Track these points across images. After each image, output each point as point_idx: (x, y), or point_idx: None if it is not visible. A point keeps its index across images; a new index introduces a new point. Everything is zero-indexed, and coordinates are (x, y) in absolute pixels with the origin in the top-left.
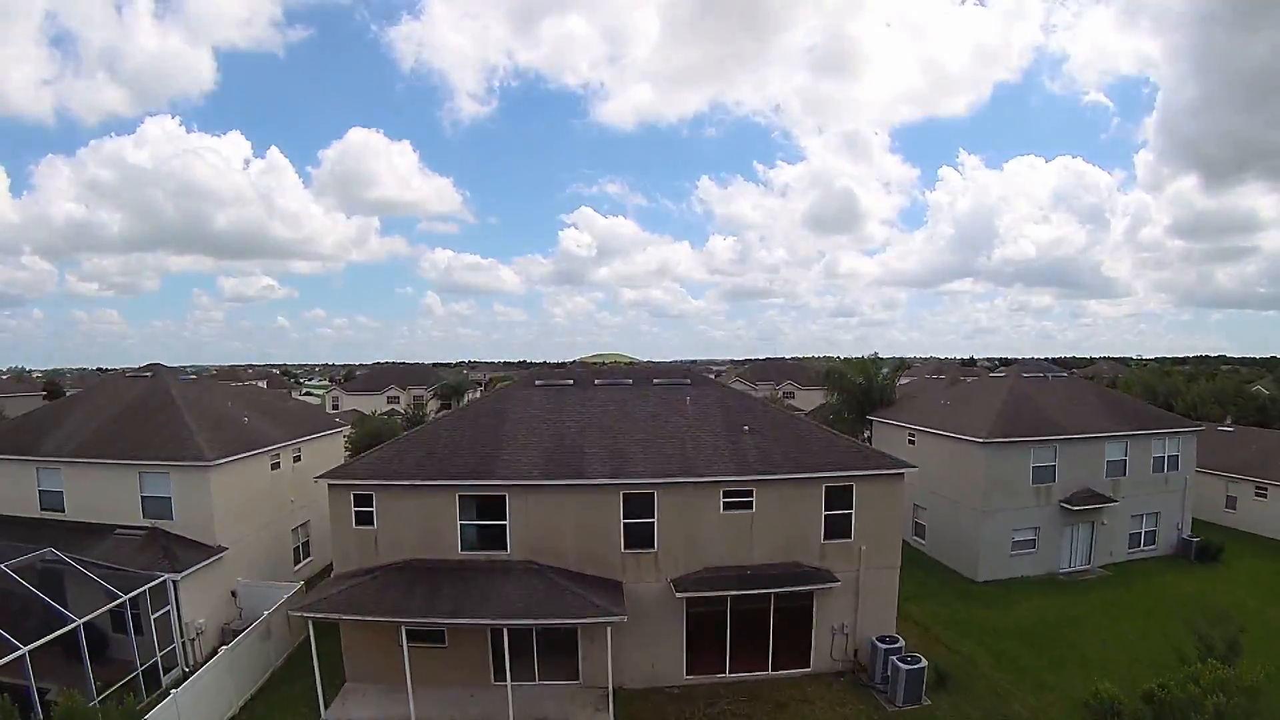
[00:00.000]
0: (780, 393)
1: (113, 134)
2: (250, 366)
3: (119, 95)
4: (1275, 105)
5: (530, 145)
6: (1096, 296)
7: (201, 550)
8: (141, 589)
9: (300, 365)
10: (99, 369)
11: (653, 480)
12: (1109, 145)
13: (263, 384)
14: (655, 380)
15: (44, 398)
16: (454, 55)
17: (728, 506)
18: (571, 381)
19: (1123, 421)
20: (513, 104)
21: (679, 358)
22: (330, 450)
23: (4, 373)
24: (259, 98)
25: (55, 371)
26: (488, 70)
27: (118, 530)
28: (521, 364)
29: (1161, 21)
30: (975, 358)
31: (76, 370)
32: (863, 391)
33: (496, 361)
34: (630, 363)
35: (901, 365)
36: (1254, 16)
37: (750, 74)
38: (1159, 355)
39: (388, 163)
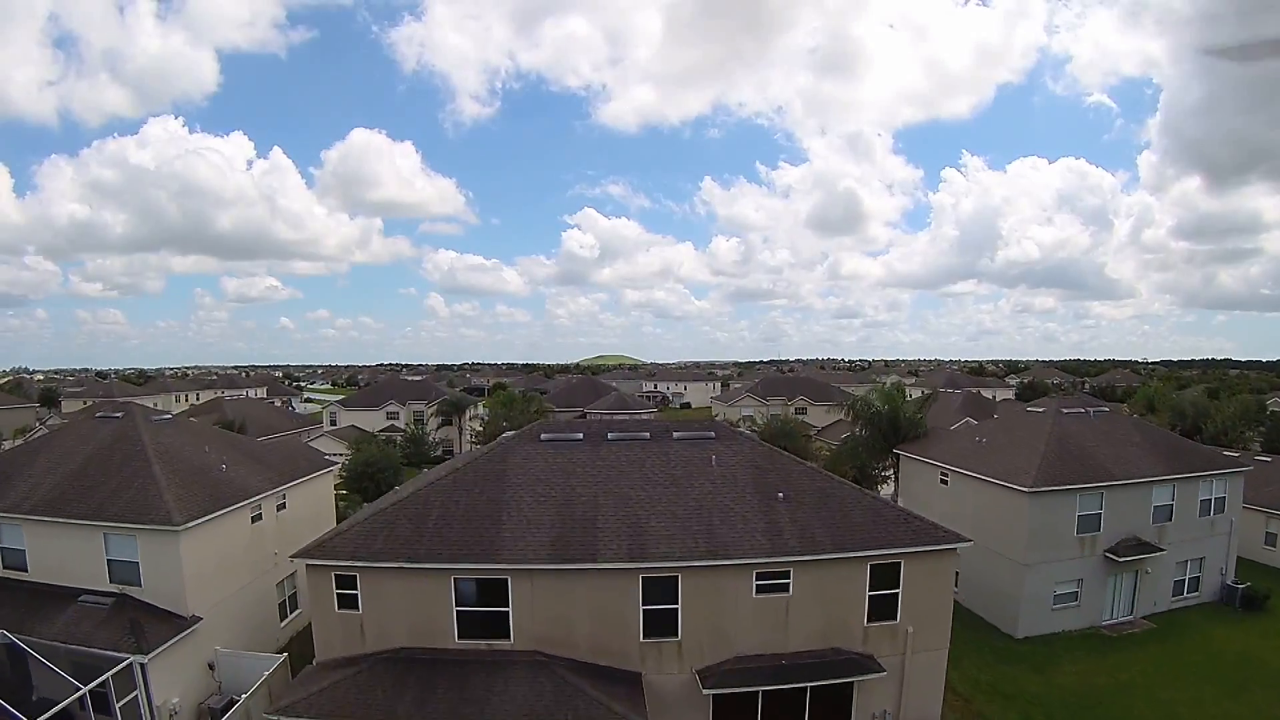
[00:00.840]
0: (792, 409)
1: (115, 134)
2: (253, 369)
3: (121, 96)
4: (1279, 106)
5: (532, 146)
6: (1100, 298)
7: (172, 623)
8: (104, 676)
9: (304, 367)
10: (98, 374)
11: (677, 564)
12: (1112, 146)
13: (263, 392)
14: (676, 434)
15: (39, 408)
16: (456, 57)
17: (761, 590)
18: (581, 437)
19: (1170, 462)
20: (515, 105)
21: (682, 359)
22: (319, 491)
23: (6, 374)
24: (261, 99)
25: (57, 373)
26: (489, 72)
27: (82, 598)
28: (526, 367)
29: (1164, 22)
30: (984, 365)
31: (80, 371)
32: (889, 422)
33: (500, 363)
34: (635, 365)
35: (931, 396)
36: (1257, 17)
37: (752, 75)
38: (1164, 358)
39: (390, 163)
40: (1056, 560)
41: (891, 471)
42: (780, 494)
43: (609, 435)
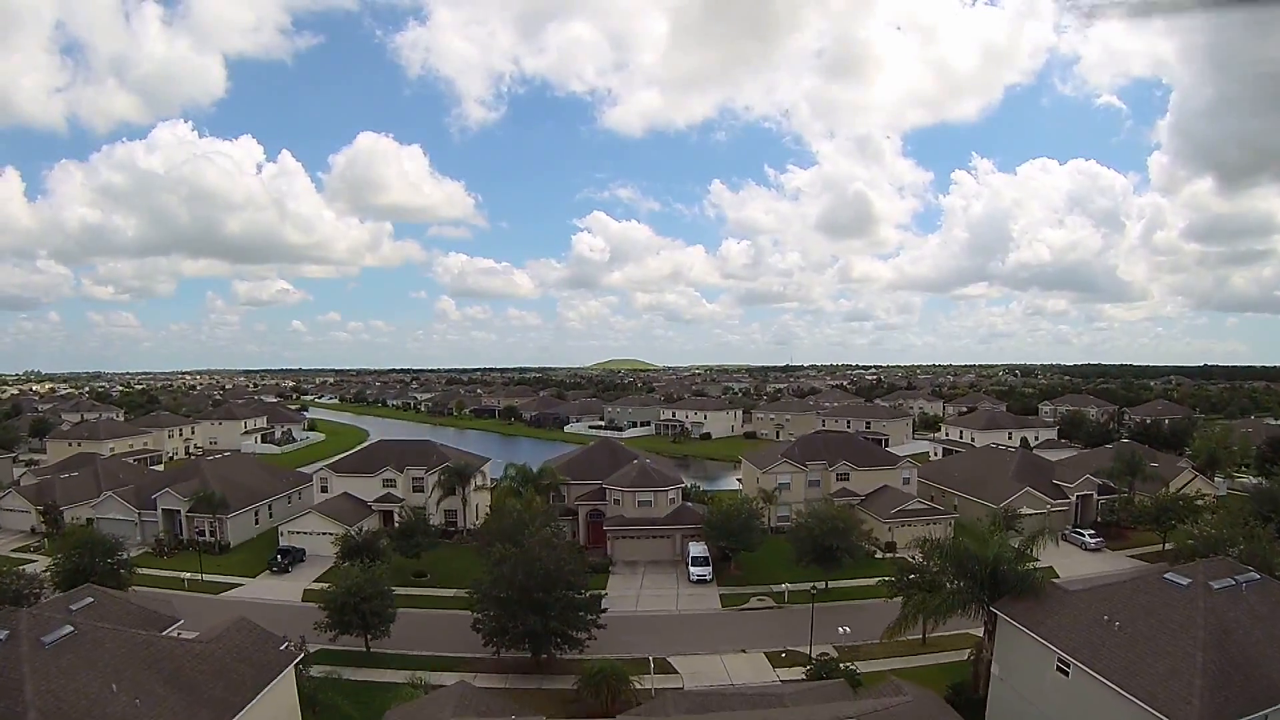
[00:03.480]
0: (834, 475)
1: (124, 139)
2: (265, 374)
3: (129, 102)
4: None
5: (540, 150)
6: (1112, 300)
7: None
8: None
9: (315, 371)
10: (97, 396)
11: None
12: (1122, 148)
13: (263, 420)
14: None
15: (15, 459)
16: (460, 62)
17: None
18: None
19: None
20: (520, 110)
21: (694, 363)
22: (276, 703)
23: (19, 377)
24: (269, 104)
25: (67, 378)
26: (494, 77)
27: None
28: (537, 381)
29: (1174, 22)
30: (1013, 388)
31: (90, 375)
32: (988, 572)
33: (511, 368)
34: (647, 369)
35: (1038, 533)
36: (1269, 15)
37: (758, 78)
38: (1178, 363)
39: (398, 167)
40: None
41: (984, 632)
42: None
43: None
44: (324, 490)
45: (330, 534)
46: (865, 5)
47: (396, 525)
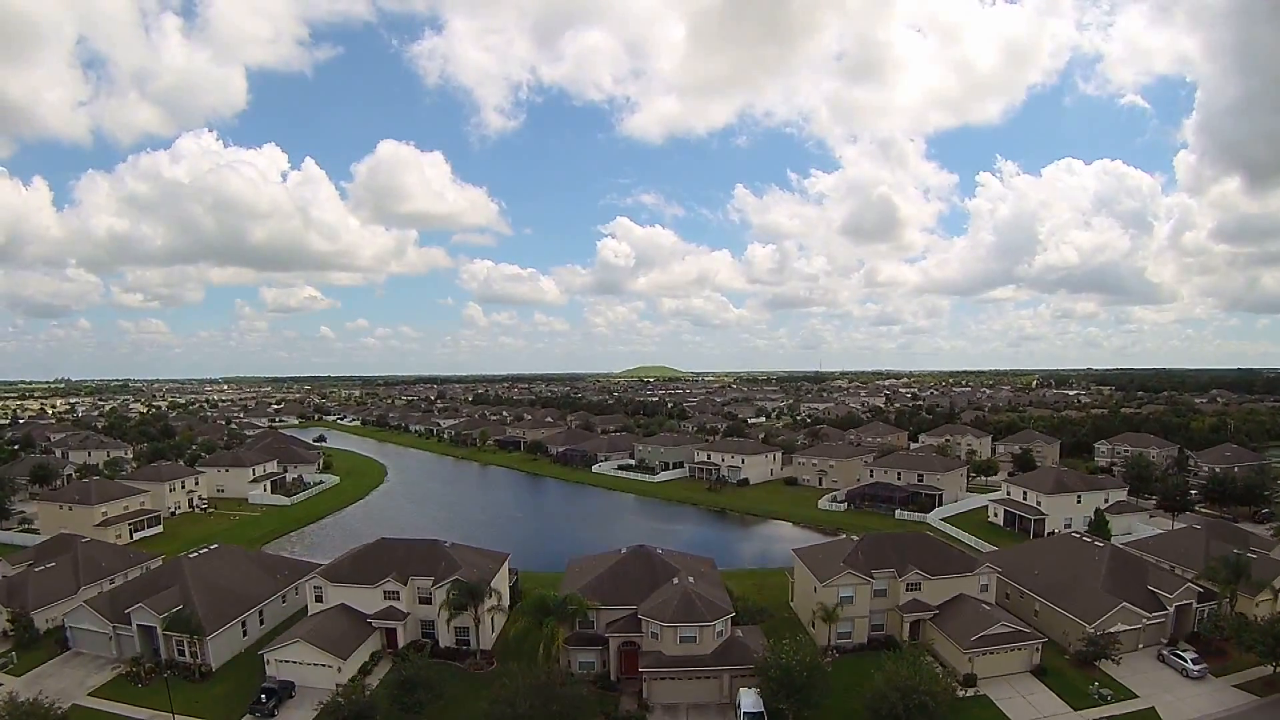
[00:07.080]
0: (904, 585)
1: (148, 150)
2: (289, 386)
3: (152, 113)
4: None
5: (561, 157)
6: (1141, 303)
7: None
8: None
9: (342, 378)
10: (105, 428)
11: None
12: (1148, 148)
13: (272, 464)
14: None
15: None
16: (478, 71)
17: None
18: None
19: None
20: (540, 117)
21: (723, 368)
22: None
23: (49, 385)
24: (291, 115)
25: (95, 389)
26: (513, 85)
27: None
28: (566, 401)
29: (1198, 17)
30: (1062, 416)
31: (119, 382)
32: None
33: (539, 375)
34: (676, 377)
35: None
36: None
37: (778, 82)
38: (1210, 366)
39: (420, 175)
40: None
41: None
42: None
43: None
44: (319, 599)
45: (322, 665)
46: (884, 7)
47: (400, 651)
